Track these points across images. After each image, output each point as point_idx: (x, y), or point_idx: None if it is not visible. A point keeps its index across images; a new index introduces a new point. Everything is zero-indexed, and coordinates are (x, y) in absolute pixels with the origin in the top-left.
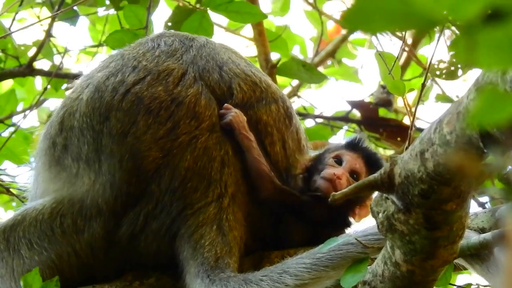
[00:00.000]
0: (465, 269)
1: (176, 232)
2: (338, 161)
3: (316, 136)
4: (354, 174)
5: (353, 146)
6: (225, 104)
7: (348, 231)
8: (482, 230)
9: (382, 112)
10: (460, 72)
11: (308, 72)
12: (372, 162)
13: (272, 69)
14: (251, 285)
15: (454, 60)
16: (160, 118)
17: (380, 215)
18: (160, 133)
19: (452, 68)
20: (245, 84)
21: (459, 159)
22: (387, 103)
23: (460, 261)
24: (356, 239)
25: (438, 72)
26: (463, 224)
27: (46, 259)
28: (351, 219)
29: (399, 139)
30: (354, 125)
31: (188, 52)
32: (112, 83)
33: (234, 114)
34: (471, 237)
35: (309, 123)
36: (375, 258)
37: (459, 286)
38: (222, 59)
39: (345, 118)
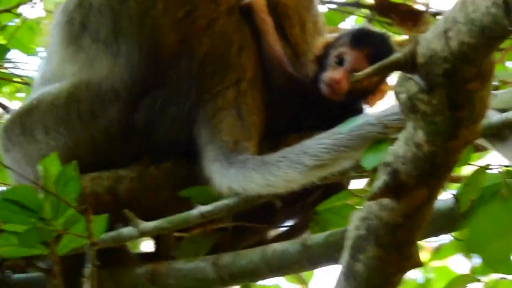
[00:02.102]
0: (486, 149)
1: (194, 118)
2: (341, 60)
3: (327, 22)
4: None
5: (356, 40)
6: None
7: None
8: (502, 111)
9: None
10: None
11: None
12: (379, 57)
13: None
14: (269, 166)
15: None
16: (178, 1)
17: (403, 95)
18: (178, 15)
19: None
20: None
21: None
22: None
23: (481, 141)
24: (376, 118)
25: None
26: (485, 104)
27: (63, 145)
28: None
29: (410, 24)
30: (365, 11)
31: None
32: None
33: None
34: (492, 116)
35: (321, 9)
36: (395, 140)
37: (479, 166)
38: None
39: (357, 4)
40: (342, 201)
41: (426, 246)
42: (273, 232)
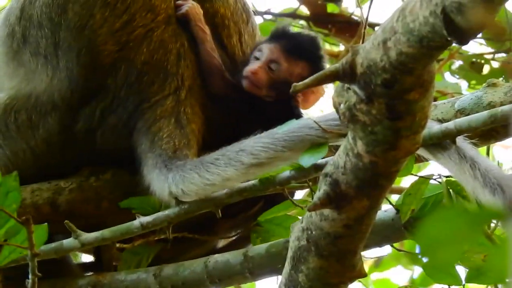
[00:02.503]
0: (427, 160)
1: (134, 127)
2: (259, 55)
3: (264, 33)
4: (272, 64)
5: (274, 36)
6: None
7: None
8: (440, 121)
9: (330, 8)
10: None
11: None
12: (295, 47)
13: None
14: (207, 165)
15: None
16: (116, 11)
17: (342, 105)
18: (116, 26)
19: None
20: None
21: None
22: None
23: (421, 152)
24: (315, 122)
25: None
26: (425, 114)
27: (2, 156)
28: (302, 110)
29: (347, 35)
30: (302, 22)
31: None
32: None
33: (191, 6)
34: (432, 127)
35: (257, 20)
36: (334, 146)
37: (421, 176)
38: None
39: (293, 15)
40: (283, 211)
41: (366, 258)
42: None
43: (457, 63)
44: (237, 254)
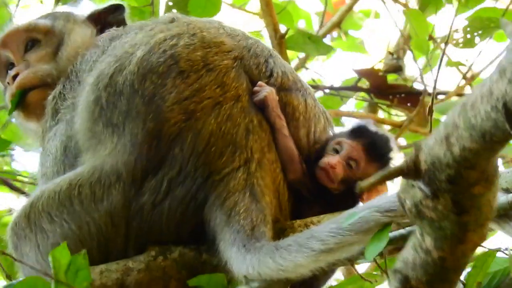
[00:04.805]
0: (493, 230)
1: (204, 200)
2: (338, 148)
3: (325, 106)
4: (351, 162)
5: (355, 133)
6: (259, 82)
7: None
8: (506, 191)
9: (390, 78)
10: (477, 39)
11: (314, 44)
12: (374, 148)
13: (281, 40)
14: (281, 251)
15: (469, 28)
16: (188, 79)
17: (408, 202)
18: (185, 93)
19: (468, 36)
20: (289, 73)
21: None
22: (397, 68)
23: None
24: (377, 205)
25: (454, 42)
26: (491, 207)
27: (68, 231)
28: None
29: (409, 104)
30: (363, 94)
31: (247, 40)
32: (164, 47)
33: (269, 91)
34: (499, 198)
35: (318, 94)
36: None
37: (490, 249)
38: (275, 54)
39: (354, 88)
40: (351, 285)
41: None
42: None
43: None
44: None
